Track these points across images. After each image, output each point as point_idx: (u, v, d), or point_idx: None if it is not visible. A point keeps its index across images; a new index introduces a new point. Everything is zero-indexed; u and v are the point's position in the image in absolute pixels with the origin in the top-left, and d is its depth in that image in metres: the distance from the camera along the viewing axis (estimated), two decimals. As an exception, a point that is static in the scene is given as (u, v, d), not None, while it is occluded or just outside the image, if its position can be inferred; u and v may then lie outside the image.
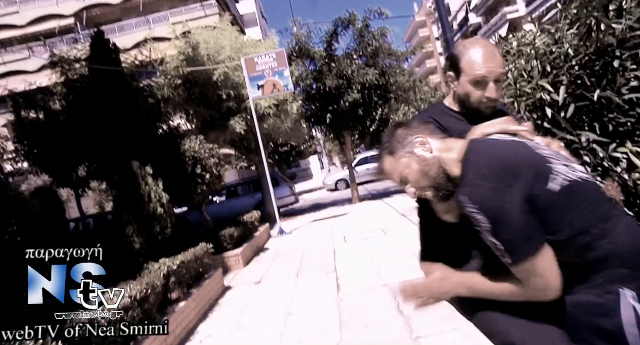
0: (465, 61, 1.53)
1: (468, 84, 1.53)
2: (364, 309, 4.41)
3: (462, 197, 1.23)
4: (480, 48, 1.52)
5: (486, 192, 1.19)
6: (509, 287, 1.27)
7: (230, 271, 7.46)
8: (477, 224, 1.22)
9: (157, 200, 5.52)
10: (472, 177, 1.24)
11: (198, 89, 12.32)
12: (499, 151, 1.28)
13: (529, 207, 1.18)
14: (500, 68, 1.50)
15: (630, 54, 3.11)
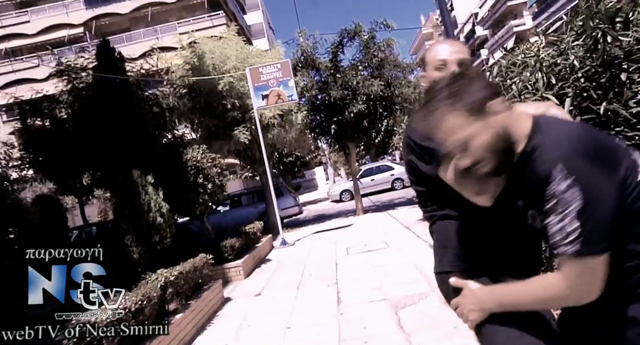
0: (428, 54, 1.63)
1: (432, 73, 1.58)
2: (364, 323, 4.31)
3: (555, 170, 1.08)
4: (441, 42, 1.64)
5: (593, 168, 1.07)
6: (547, 285, 1.15)
7: (230, 282, 7.37)
8: (556, 202, 1.08)
9: (157, 210, 5.47)
10: (571, 152, 1.10)
11: (203, 98, 12.36)
12: (593, 132, 1.19)
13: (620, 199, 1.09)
14: (460, 53, 1.54)
15: (637, 66, 3.05)
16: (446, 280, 1.47)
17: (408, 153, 1.53)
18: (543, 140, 1.16)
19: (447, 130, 1.18)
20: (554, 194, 1.08)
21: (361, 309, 4.74)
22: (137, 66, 12.00)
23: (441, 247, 1.55)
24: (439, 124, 1.19)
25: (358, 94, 12.74)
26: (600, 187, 1.06)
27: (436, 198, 1.54)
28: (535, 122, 1.22)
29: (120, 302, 3.52)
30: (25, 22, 28.98)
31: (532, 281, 1.20)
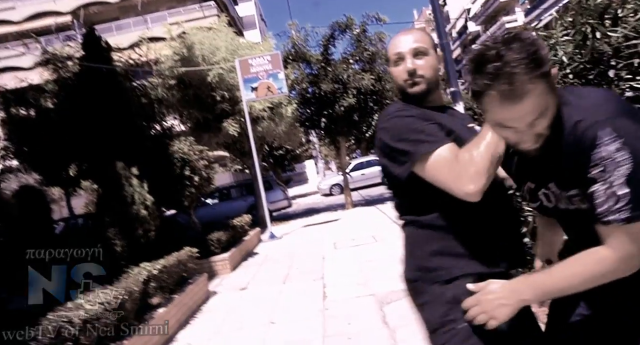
0: (388, 48, 1.53)
1: (392, 68, 1.50)
2: (348, 319, 4.28)
3: (603, 132, 1.02)
4: (398, 34, 1.51)
5: (638, 131, 1.03)
6: (597, 261, 1.07)
7: (216, 276, 7.31)
8: (602, 168, 1.02)
9: (141, 202, 5.38)
10: (616, 114, 1.04)
11: (192, 89, 12.22)
12: (620, 97, 1.16)
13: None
14: (416, 42, 1.44)
15: (625, 63, 3.02)
16: (421, 289, 1.41)
17: (380, 155, 1.45)
18: (579, 106, 1.09)
19: (531, 103, 1.03)
20: (602, 158, 1.02)
21: (347, 305, 4.71)
22: (126, 56, 11.83)
23: (409, 254, 1.53)
24: (525, 96, 1.02)
25: (349, 88, 12.67)
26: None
27: (407, 202, 1.46)
28: (569, 91, 1.18)
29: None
30: (11, 9, 28.42)
31: (576, 260, 1.10)
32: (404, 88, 1.46)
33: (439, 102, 1.53)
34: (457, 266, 1.33)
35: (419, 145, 1.29)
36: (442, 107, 1.52)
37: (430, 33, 1.61)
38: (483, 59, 1.05)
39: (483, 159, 1.22)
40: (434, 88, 1.47)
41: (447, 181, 1.25)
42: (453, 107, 1.71)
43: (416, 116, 1.36)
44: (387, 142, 1.38)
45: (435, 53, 1.49)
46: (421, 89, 1.44)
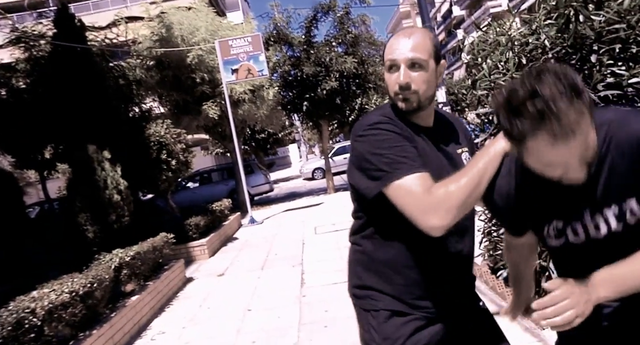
0: (385, 49, 1.35)
1: (385, 73, 1.34)
2: (326, 306, 4.24)
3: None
4: (399, 34, 1.33)
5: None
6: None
7: (194, 261, 7.21)
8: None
9: (114, 187, 5.21)
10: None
11: (171, 71, 11.90)
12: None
13: None
14: (413, 51, 1.26)
15: (607, 48, 2.96)
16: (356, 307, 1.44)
17: (352, 163, 1.33)
18: (612, 120, 1.03)
19: (582, 133, 0.95)
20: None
21: (324, 292, 4.66)
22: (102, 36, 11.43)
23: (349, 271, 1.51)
24: (575, 129, 0.94)
25: (331, 71, 12.50)
26: None
27: (363, 221, 1.42)
28: (607, 111, 1.11)
29: (68, 285, 3.32)
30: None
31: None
32: (394, 100, 1.33)
33: (424, 122, 1.36)
34: (382, 301, 1.33)
35: (396, 166, 1.20)
36: (426, 129, 1.37)
37: (431, 34, 1.39)
38: (518, 99, 0.94)
39: (458, 197, 1.14)
40: (427, 105, 1.32)
41: (414, 211, 1.16)
42: (447, 124, 1.47)
43: (399, 134, 1.25)
44: (363, 152, 1.27)
45: (436, 64, 1.31)
46: (412, 106, 1.30)
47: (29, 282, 3.55)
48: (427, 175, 1.19)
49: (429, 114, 1.38)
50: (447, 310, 1.35)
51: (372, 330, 1.34)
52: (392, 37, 1.34)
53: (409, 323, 1.31)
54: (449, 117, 1.51)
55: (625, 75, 2.85)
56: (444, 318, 1.35)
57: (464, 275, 1.42)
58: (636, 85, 2.87)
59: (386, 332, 1.31)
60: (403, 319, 1.31)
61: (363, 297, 1.38)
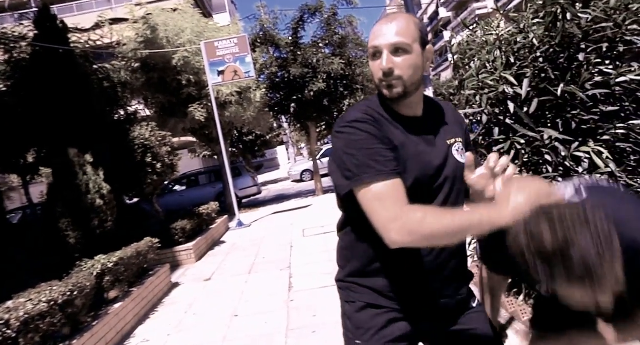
0: (369, 37, 1.31)
1: (370, 61, 1.29)
2: (314, 310, 4.16)
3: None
4: (382, 21, 1.28)
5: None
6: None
7: (181, 266, 7.08)
8: None
9: (97, 191, 5.08)
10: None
11: (156, 73, 11.75)
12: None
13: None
14: (395, 35, 1.21)
15: (594, 47, 2.94)
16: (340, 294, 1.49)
17: (331, 158, 1.31)
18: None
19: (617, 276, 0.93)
20: None
21: (313, 295, 4.58)
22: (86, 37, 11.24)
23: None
24: (613, 277, 0.91)
25: (318, 72, 12.44)
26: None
27: (344, 216, 1.45)
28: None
29: (46, 294, 3.20)
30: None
31: None
32: (379, 88, 1.28)
33: (411, 112, 1.31)
34: (360, 293, 1.36)
35: (364, 170, 1.17)
36: (412, 119, 1.31)
37: (416, 19, 1.33)
38: (556, 255, 0.89)
39: (429, 231, 1.09)
40: (413, 91, 1.27)
41: (379, 219, 1.14)
42: (438, 113, 1.40)
43: (374, 135, 1.21)
44: (339, 150, 1.25)
45: (422, 48, 1.26)
46: (397, 92, 1.24)
47: (6, 291, 3.42)
48: (397, 182, 1.17)
49: (417, 102, 1.33)
50: (425, 307, 1.34)
51: (347, 319, 1.39)
52: (375, 25, 1.30)
53: (383, 315, 1.32)
54: (442, 106, 1.45)
55: (613, 74, 2.83)
56: (421, 314, 1.34)
57: (447, 274, 1.36)
58: (624, 84, 2.86)
59: (359, 322, 1.34)
60: (377, 311, 1.33)
61: (344, 288, 1.43)
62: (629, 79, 2.81)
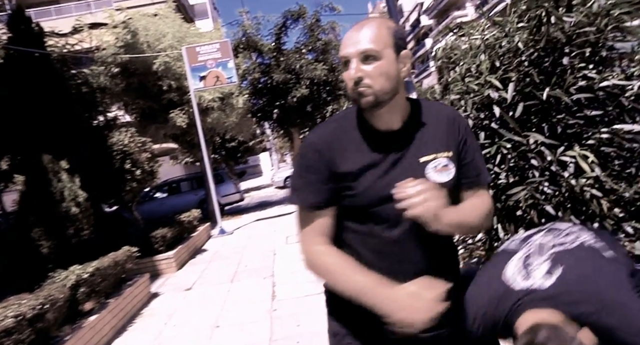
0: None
1: (343, 73, 1.25)
2: (297, 320, 4.06)
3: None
4: (352, 28, 1.22)
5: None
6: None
7: (161, 275, 6.90)
8: None
9: (72, 199, 4.90)
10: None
11: (137, 78, 11.56)
12: None
13: None
14: (364, 43, 1.15)
15: (578, 52, 2.93)
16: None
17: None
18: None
19: None
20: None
21: (296, 304, 4.48)
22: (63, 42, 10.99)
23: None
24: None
25: (301, 78, 12.41)
26: None
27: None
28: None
29: (13, 308, 3.03)
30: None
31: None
32: (352, 98, 1.21)
33: (385, 125, 1.23)
34: (335, 299, 1.30)
35: (293, 193, 1.29)
36: (387, 134, 1.24)
37: (395, 23, 1.26)
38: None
39: (317, 270, 1.23)
40: (387, 100, 1.19)
41: (299, 238, 1.29)
42: (423, 123, 1.28)
43: (311, 165, 1.24)
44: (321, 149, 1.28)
45: (396, 53, 1.19)
46: (367, 102, 1.18)
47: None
48: (316, 215, 1.24)
49: (392, 113, 1.23)
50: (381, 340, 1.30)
51: (327, 323, 1.41)
52: (347, 32, 1.23)
53: (355, 321, 1.30)
54: (434, 112, 1.30)
55: (597, 78, 2.82)
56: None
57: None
58: (607, 88, 2.85)
59: (333, 328, 1.34)
60: (349, 319, 1.32)
61: (325, 293, 1.42)
62: (612, 83, 2.81)
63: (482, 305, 1.26)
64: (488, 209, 1.31)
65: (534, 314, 1.13)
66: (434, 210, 1.08)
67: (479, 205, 1.29)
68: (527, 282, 1.20)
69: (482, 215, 1.28)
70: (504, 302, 1.21)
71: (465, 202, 1.30)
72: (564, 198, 2.78)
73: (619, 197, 2.75)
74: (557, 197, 2.79)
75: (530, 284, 1.20)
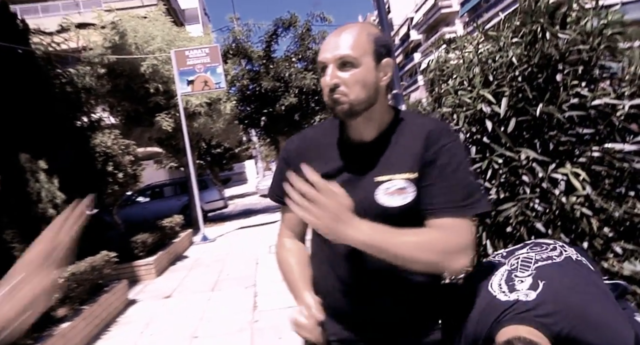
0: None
1: (321, 79, 1.20)
2: (279, 332, 3.95)
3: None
4: (332, 33, 1.18)
5: None
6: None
7: (140, 282, 6.72)
8: None
9: (49, 200, 4.74)
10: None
11: (123, 80, 11.39)
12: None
13: None
14: (341, 49, 1.10)
15: (570, 69, 2.93)
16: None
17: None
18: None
19: None
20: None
21: (278, 316, 4.37)
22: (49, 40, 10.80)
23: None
24: None
25: (290, 87, 12.38)
26: None
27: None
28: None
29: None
30: None
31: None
32: (328, 106, 1.16)
33: (359, 136, 1.17)
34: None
35: (270, 186, 1.39)
36: (358, 145, 1.18)
37: (377, 29, 1.20)
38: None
39: (278, 266, 1.39)
40: (362, 110, 1.13)
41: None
42: (397, 138, 1.18)
43: (279, 169, 1.31)
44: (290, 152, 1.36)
45: (375, 61, 1.12)
46: (342, 110, 1.12)
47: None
48: (286, 210, 1.33)
49: (367, 124, 1.16)
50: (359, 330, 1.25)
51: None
52: (327, 36, 1.20)
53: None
54: (415, 130, 1.18)
55: (589, 96, 2.82)
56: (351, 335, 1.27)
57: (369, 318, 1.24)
58: (599, 107, 2.85)
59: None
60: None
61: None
62: (604, 102, 2.81)
63: (466, 319, 1.22)
64: (447, 245, 1.06)
65: (513, 330, 1.08)
66: (328, 222, 0.98)
67: (430, 238, 1.06)
68: (512, 295, 1.16)
69: (431, 250, 1.03)
70: (487, 316, 1.17)
71: (418, 229, 1.09)
72: (555, 216, 2.75)
73: (609, 216, 2.73)
74: (547, 215, 2.76)
75: (514, 297, 1.16)
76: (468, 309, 1.21)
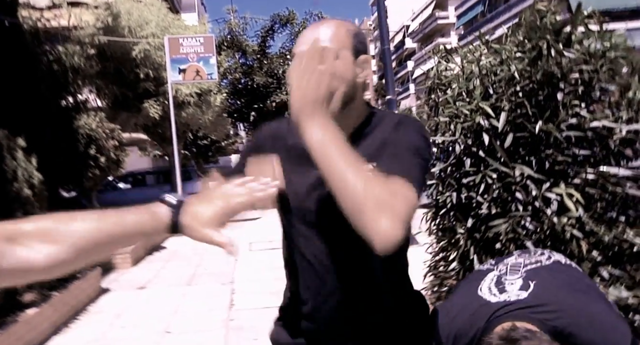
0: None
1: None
2: (255, 332, 3.85)
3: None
4: (309, 27, 1.17)
5: None
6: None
7: (114, 270, 6.55)
8: None
9: (25, 180, 4.56)
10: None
11: (113, 63, 11.19)
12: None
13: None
14: (322, 41, 1.04)
15: (571, 89, 2.91)
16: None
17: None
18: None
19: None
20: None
21: (255, 316, 4.27)
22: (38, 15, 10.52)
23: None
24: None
25: (283, 84, 12.27)
26: None
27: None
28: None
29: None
30: None
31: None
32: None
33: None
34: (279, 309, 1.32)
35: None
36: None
37: (356, 26, 1.16)
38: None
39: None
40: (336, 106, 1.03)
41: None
42: (366, 134, 1.15)
43: (249, 149, 1.25)
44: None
45: (354, 56, 1.08)
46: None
47: None
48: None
49: (343, 120, 1.07)
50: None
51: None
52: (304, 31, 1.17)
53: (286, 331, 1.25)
54: (382, 125, 1.16)
55: (588, 117, 2.80)
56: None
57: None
58: (596, 129, 2.83)
59: (271, 336, 1.31)
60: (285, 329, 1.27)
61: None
62: (602, 124, 2.79)
63: (456, 323, 1.20)
64: (382, 192, 0.90)
65: (508, 326, 1.06)
66: (310, 98, 0.91)
67: (373, 176, 0.94)
68: (502, 296, 1.16)
69: (365, 183, 0.89)
70: (479, 318, 1.15)
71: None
72: (545, 235, 2.72)
73: (598, 240, 2.71)
74: (538, 234, 2.73)
75: (506, 297, 1.15)
76: (458, 315, 1.20)
